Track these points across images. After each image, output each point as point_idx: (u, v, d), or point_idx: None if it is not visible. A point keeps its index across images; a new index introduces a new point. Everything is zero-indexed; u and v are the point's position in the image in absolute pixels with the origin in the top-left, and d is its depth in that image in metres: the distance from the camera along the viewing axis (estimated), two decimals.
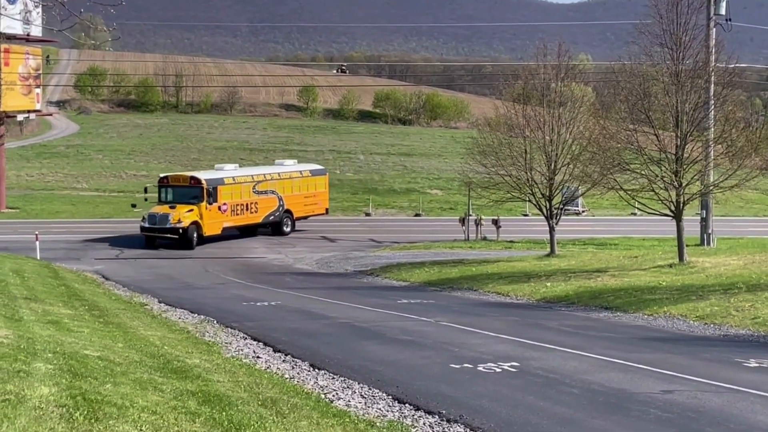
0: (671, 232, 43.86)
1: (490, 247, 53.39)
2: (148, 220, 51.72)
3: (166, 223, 51.28)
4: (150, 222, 51.61)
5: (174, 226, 51.15)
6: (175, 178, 54.12)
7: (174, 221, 51.17)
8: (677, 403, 13.33)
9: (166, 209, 51.65)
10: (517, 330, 22.03)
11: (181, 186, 52.87)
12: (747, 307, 24.19)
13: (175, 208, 51.57)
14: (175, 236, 51.12)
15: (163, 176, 54.80)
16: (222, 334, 21.49)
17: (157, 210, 51.95)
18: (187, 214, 51.60)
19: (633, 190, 36.20)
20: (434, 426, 12.26)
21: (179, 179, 53.74)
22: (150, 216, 51.77)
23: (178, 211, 51.40)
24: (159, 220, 51.44)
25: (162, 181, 53.86)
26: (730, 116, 35.23)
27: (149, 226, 51.57)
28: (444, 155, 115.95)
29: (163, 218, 51.44)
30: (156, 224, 51.39)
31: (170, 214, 51.31)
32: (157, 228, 51.40)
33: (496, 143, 43.17)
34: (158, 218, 51.49)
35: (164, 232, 51.37)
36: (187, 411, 11.00)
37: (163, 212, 51.57)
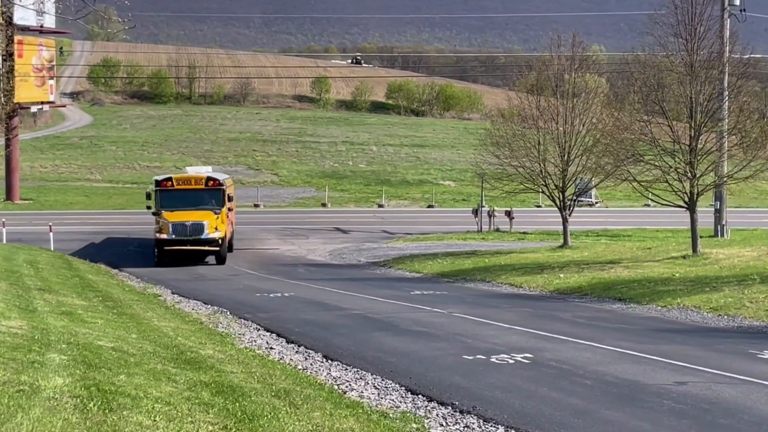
0: (685, 224, 43.77)
1: (503, 239, 53.34)
2: (174, 230, 40.49)
3: (202, 233, 40.73)
4: (177, 233, 40.55)
5: (211, 237, 40.89)
6: (185, 179, 43.10)
7: (210, 231, 40.84)
8: (691, 395, 13.30)
9: (192, 215, 40.88)
10: (530, 321, 22.01)
11: (195, 189, 42.20)
12: (761, 298, 24.11)
13: (197, 214, 41.21)
14: (215, 249, 41.37)
15: (165, 177, 43.51)
16: (235, 326, 21.53)
17: (180, 217, 40.73)
18: (219, 222, 41.59)
19: (647, 181, 36.11)
20: (447, 417, 12.25)
21: (191, 180, 43.00)
22: (176, 226, 40.54)
23: (209, 218, 41.06)
24: (191, 230, 40.63)
25: (165, 183, 42.35)
26: (745, 107, 35.12)
27: (176, 238, 40.55)
28: (457, 146, 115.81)
29: (197, 228, 40.71)
30: (187, 235, 40.54)
31: (205, 223, 40.78)
32: (189, 240, 40.60)
33: (510, 134, 43.13)
34: (189, 228, 40.61)
35: (199, 244, 40.93)
36: (201, 402, 11.02)
37: (194, 220, 40.74)
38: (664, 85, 35.97)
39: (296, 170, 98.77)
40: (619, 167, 36.34)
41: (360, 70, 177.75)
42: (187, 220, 40.78)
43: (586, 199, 69.58)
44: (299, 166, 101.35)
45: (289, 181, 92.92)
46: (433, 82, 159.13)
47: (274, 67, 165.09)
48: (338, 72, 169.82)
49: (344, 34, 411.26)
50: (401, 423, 11.59)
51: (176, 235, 40.59)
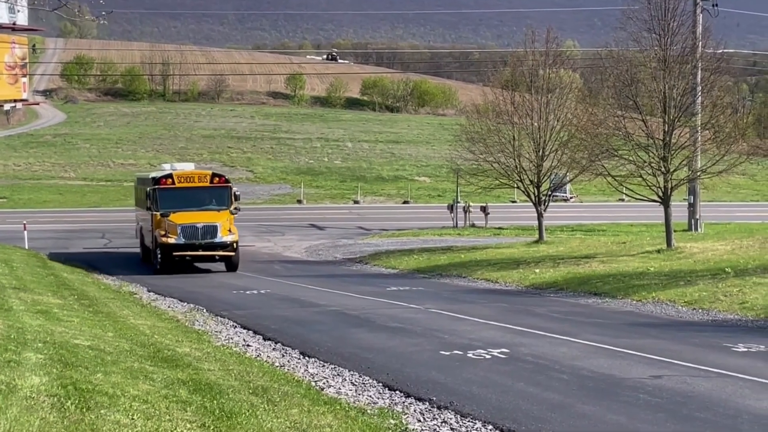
0: (659, 218, 43.95)
1: (478, 234, 53.46)
2: (184, 233, 36.00)
3: (215, 236, 36.34)
4: (187, 236, 36.05)
5: (225, 241, 36.50)
6: (188, 176, 38.50)
7: (224, 233, 36.46)
8: (666, 388, 13.39)
9: (203, 217, 36.68)
10: (506, 316, 22.09)
11: (199, 187, 38.01)
12: (735, 292, 24.26)
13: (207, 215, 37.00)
14: (230, 254, 36.82)
15: (164, 174, 38.87)
16: (212, 323, 21.52)
17: (189, 219, 36.44)
18: (231, 224, 37.43)
19: (621, 176, 36.26)
20: (425, 413, 12.29)
21: (194, 177, 38.55)
22: (186, 229, 36.09)
23: (222, 219, 36.84)
24: (203, 233, 36.16)
25: (164, 181, 37.84)
26: (718, 102, 35.31)
27: (186, 242, 36.05)
28: (432, 142, 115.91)
29: (209, 230, 36.25)
30: (199, 239, 36.14)
31: (218, 224, 36.42)
32: (202, 244, 36.19)
33: (485, 130, 43.17)
34: (201, 230, 36.13)
35: (212, 249, 36.52)
36: (179, 400, 11.03)
37: (206, 222, 36.34)
38: (637, 80, 36.11)
39: (271, 167, 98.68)
40: (594, 162, 36.45)
41: (334, 66, 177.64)
42: (198, 222, 36.27)
43: (561, 194, 69.89)
44: (274, 163, 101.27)
45: (264, 178, 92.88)
46: (407, 78, 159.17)
47: (249, 64, 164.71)
48: (313, 68, 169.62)
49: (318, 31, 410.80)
50: (379, 419, 11.62)
51: (186, 239, 35.99)
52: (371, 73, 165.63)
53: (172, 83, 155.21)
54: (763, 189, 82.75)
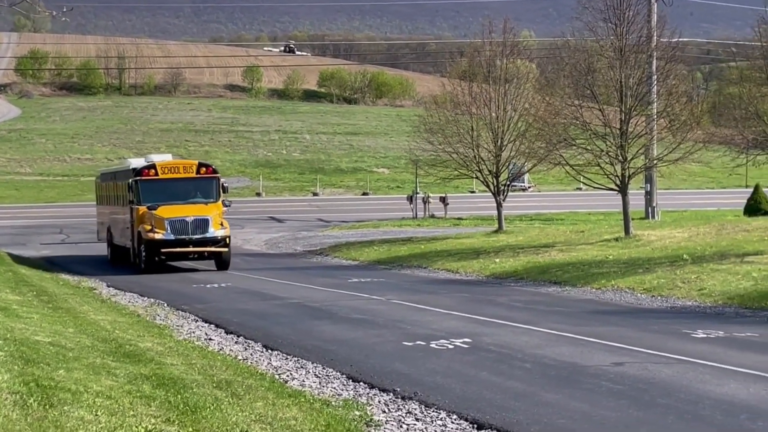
0: (616, 206, 44.29)
1: (438, 225, 53.62)
2: (172, 228, 33.35)
3: (206, 231, 33.77)
4: (176, 231, 33.44)
5: (218, 236, 33.93)
6: (172, 166, 35.86)
7: (216, 227, 33.91)
8: (628, 375, 13.49)
9: (192, 210, 34.29)
10: (467, 306, 22.17)
11: (184, 178, 35.32)
12: (693, 278, 24.49)
13: (197, 208, 34.64)
14: (223, 249, 34.24)
15: (146, 165, 35.91)
16: (173, 317, 21.43)
17: (178, 212, 33.91)
18: (220, 217, 34.80)
19: (579, 165, 36.46)
20: (389, 404, 12.31)
21: (179, 168, 35.89)
22: (175, 223, 33.41)
23: (213, 212, 34.45)
24: (194, 228, 33.57)
25: (147, 172, 35.04)
26: (673, 90, 35.58)
27: (175, 238, 33.42)
28: (390, 134, 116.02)
29: (200, 224, 33.68)
30: (189, 234, 33.53)
31: (209, 218, 33.92)
32: (191, 240, 33.57)
33: (443, 121, 43.24)
34: (191, 225, 33.52)
35: (204, 245, 33.88)
36: (142, 395, 10.98)
37: (196, 215, 33.93)
38: (594, 69, 36.29)
39: (230, 160, 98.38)
40: (552, 151, 36.61)
41: (291, 58, 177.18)
42: (188, 216, 33.68)
43: (519, 184, 70.20)
44: (233, 156, 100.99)
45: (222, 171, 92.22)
46: (365, 70, 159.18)
47: (205, 57, 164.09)
48: (270, 61, 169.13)
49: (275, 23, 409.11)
50: (344, 411, 11.63)
51: (175, 235, 33.31)
52: (328, 65, 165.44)
53: (128, 77, 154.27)
54: (719, 177, 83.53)
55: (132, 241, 35.52)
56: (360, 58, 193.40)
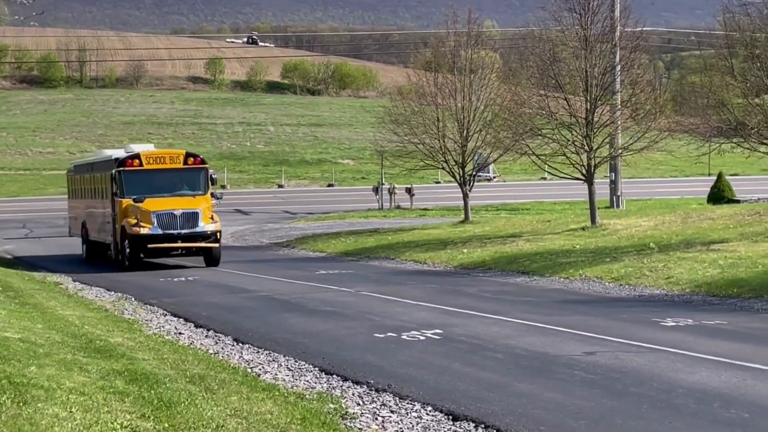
0: (581, 196, 44.49)
1: (404, 216, 53.67)
2: (159, 222, 31.58)
3: (196, 225, 31.98)
4: (163, 226, 31.65)
5: (208, 230, 32.15)
6: (157, 156, 34.03)
7: (206, 221, 32.14)
8: (600, 365, 13.54)
9: (180, 203, 32.40)
10: (437, 297, 22.19)
11: (171, 169, 33.44)
12: (660, 267, 24.63)
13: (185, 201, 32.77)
14: (213, 245, 32.44)
15: (130, 155, 33.88)
16: (141, 312, 21.30)
17: (165, 205, 32.00)
18: (210, 210, 33.05)
19: (545, 155, 36.57)
20: (363, 396, 12.29)
21: (164, 158, 33.96)
22: (162, 217, 31.66)
23: (202, 205, 32.58)
24: (182, 222, 31.83)
25: (130, 162, 33.10)
26: (638, 80, 35.73)
27: (163, 233, 31.64)
28: (354, 125, 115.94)
29: (190, 218, 31.94)
30: (177, 228, 31.76)
31: (199, 211, 32.11)
32: (180, 235, 31.77)
33: (409, 112, 43.24)
34: (180, 218, 31.82)
35: (193, 240, 32.05)
36: (116, 391, 10.90)
37: (185, 208, 32.07)
38: (559, 59, 36.37)
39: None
40: (518, 141, 36.71)
41: (254, 50, 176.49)
42: (176, 209, 31.89)
43: (484, 174, 70.34)
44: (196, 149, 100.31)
45: None
46: (328, 61, 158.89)
47: (167, 49, 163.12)
48: (233, 53, 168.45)
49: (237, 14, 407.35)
50: (318, 404, 11.60)
51: (163, 229, 31.53)
52: (291, 56, 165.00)
53: (89, 69, 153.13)
54: (682, 165, 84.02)
55: (114, 237, 33.50)
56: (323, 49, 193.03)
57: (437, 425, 10.72)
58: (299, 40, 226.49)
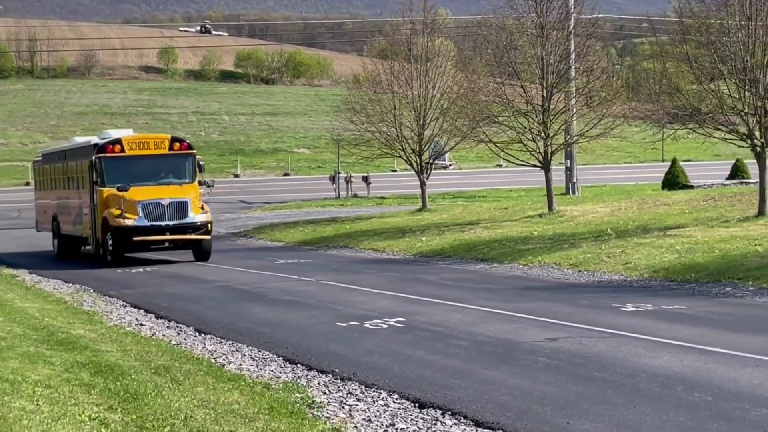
0: (536, 183, 44.73)
1: (361, 204, 53.66)
2: (146, 213, 29.39)
3: (185, 215, 29.79)
4: (150, 216, 29.42)
5: (198, 221, 29.96)
6: (141, 141, 31.60)
7: (196, 212, 29.98)
8: (563, 350, 13.64)
9: (167, 191, 30.19)
10: (398, 285, 22.23)
11: (156, 155, 31.09)
12: (618, 253, 24.82)
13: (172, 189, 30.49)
14: (204, 237, 30.23)
15: (110, 140, 31.26)
16: (101, 303, 21.17)
17: (151, 194, 29.80)
18: (199, 200, 30.85)
19: (502, 142, 36.69)
20: (329, 385, 12.30)
21: (148, 143, 31.48)
22: (148, 207, 29.44)
23: (191, 194, 30.40)
24: (171, 212, 29.62)
25: (111, 148, 30.71)
26: (595, 67, 35.93)
27: (150, 224, 29.39)
28: (309, 114, 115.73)
29: (178, 208, 29.75)
30: (165, 219, 29.53)
31: (188, 200, 29.94)
32: (169, 226, 29.54)
33: (365, 100, 43.18)
34: (168, 209, 29.60)
35: (182, 231, 29.83)
36: (81, 383, 10.85)
37: (173, 197, 29.85)
38: (515, 47, 36.51)
39: None
40: (475, 129, 36.80)
41: (207, 39, 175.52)
42: (163, 198, 29.66)
43: (440, 162, 70.49)
44: None
45: None
46: (282, 50, 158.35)
47: (119, 39, 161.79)
48: (186, 42, 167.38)
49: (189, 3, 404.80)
50: (285, 393, 11.59)
51: (150, 220, 29.31)
52: (245, 45, 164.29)
53: (40, 59, 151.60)
54: (636, 151, 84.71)
55: (93, 230, 31.03)
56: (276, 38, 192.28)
57: (404, 413, 10.76)
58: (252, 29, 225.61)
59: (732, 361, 12.48)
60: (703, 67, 29.42)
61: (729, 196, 33.78)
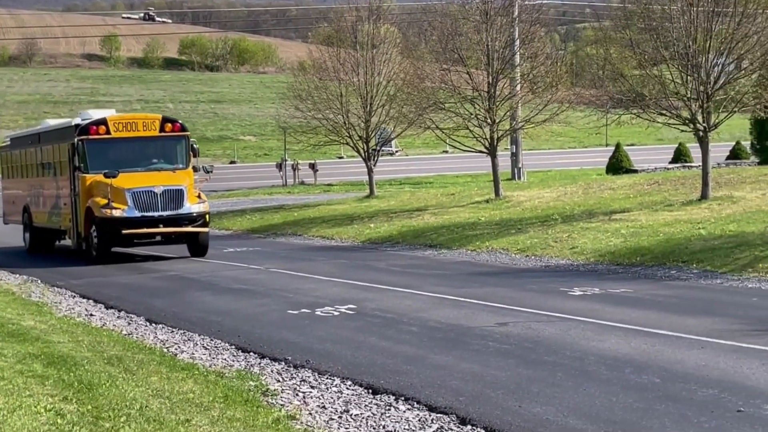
0: (482, 168, 44.96)
1: (309, 192, 53.64)
2: (136, 202, 26.25)
3: (181, 205, 26.68)
4: (141, 207, 26.30)
5: (195, 212, 26.93)
6: (129, 122, 28.31)
7: (192, 201, 26.95)
8: (513, 335, 13.81)
9: (159, 178, 26.94)
10: (347, 272, 22.33)
11: (146, 137, 27.84)
12: (564, 237, 25.10)
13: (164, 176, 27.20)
14: (201, 229, 27.24)
15: (94, 120, 27.85)
16: (49, 294, 21.03)
17: (141, 181, 26.73)
18: (192, 187, 27.60)
19: (449, 128, 36.86)
20: (282, 372, 12.37)
21: (136, 124, 28.09)
22: (140, 195, 26.35)
23: (186, 181, 27.27)
24: (164, 201, 26.47)
25: (95, 129, 27.31)
26: (540, 53, 36.20)
27: (141, 215, 26.28)
28: (254, 101, 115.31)
29: (173, 197, 26.60)
30: (158, 210, 26.41)
31: (183, 188, 26.78)
32: (162, 218, 26.45)
33: (312, 87, 43.15)
34: (161, 198, 26.45)
35: (177, 224, 26.72)
36: (35, 374, 10.84)
37: (167, 184, 26.65)
38: (460, 33, 36.68)
39: None
40: (421, 116, 36.94)
41: (151, 26, 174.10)
42: (155, 186, 26.48)
43: (387, 148, 70.61)
44: None
45: None
46: (226, 37, 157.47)
47: (61, 27, 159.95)
48: (128, 29, 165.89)
49: None
50: (239, 381, 11.64)
51: (141, 211, 26.25)
52: (188, 33, 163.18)
53: None
54: (580, 136, 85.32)
55: (74, 222, 28.02)
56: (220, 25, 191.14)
57: (358, 399, 10.86)
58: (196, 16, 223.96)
59: (678, 343, 12.72)
60: (646, 53, 29.76)
61: (672, 180, 34.23)
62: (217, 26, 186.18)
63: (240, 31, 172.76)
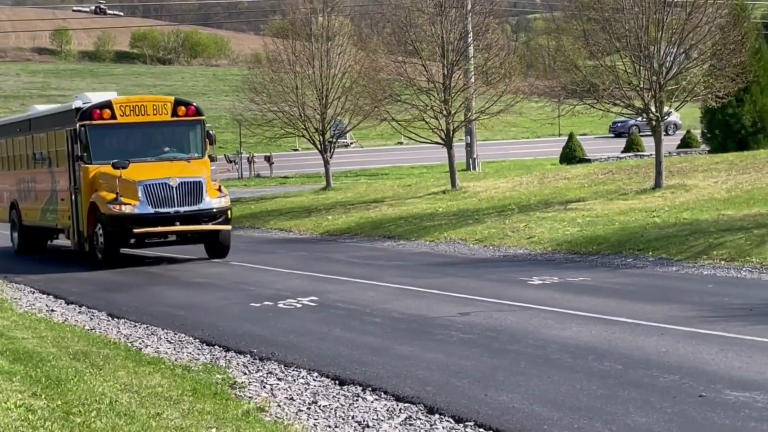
0: (437, 159, 45.10)
1: (265, 184, 53.61)
2: (149, 197, 23.17)
3: (200, 200, 23.64)
4: (155, 202, 23.22)
5: (214, 208, 23.84)
6: (137, 104, 24.95)
7: (212, 195, 23.91)
8: (476, 324, 13.98)
9: (175, 169, 23.88)
10: (308, 264, 22.42)
11: (156, 122, 24.78)
12: (521, 227, 25.33)
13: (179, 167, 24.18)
14: (223, 227, 24.11)
15: (98, 103, 24.78)
16: (8, 290, 20.91)
17: (154, 173, 23.59)
18: (209, 179, 24.36)
19: (405, 120, 36.98)
20: (248, 365, 12.43)
21: (146, 107, 24.84)
22: (153, 189, 23.24)
23: (204, 172, 24.20)
24: (181, 195, 23.44)
25: (98, 113, 24.26)
26: (494, 44, 36.38)
27: (155, 212, 23.17)
28: (208, 94, 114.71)
29: (191, 190, 23.56)
30: (174, 205, 23.34)
31: (201, 180, 23.69)
32: (178, 215, 23.38)
33: (267, 80, 43.06)
34: (178, 190, 23.39)
35: (196, 221, 23.60)
36: (2, 370, 10.86)
37: (184, 176, 23.60)
38: (415, 25, 36.76)
39: None
40: (377, 108, 37.03)
41: (102, 19, 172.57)
42: (170, 178, 23.34)
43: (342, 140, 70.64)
44: None
45: None
46: (178, 30, 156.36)
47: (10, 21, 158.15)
48: (79, 23, 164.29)
49: None
50: (206, 375, 11.70)
51: (154, 207, 23.17)
52: (140, 26, 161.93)
53: None
54: (533, 126, 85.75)
55: (74, 220, 25.02)
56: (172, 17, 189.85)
57: (326, 390, 10.96)
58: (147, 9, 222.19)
59: (638, 330, 12.95)
60: (599, 44, 30.04)
61: (626, 169, 34.60)
62: (169, 19, 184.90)
63: (192, 23, 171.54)
